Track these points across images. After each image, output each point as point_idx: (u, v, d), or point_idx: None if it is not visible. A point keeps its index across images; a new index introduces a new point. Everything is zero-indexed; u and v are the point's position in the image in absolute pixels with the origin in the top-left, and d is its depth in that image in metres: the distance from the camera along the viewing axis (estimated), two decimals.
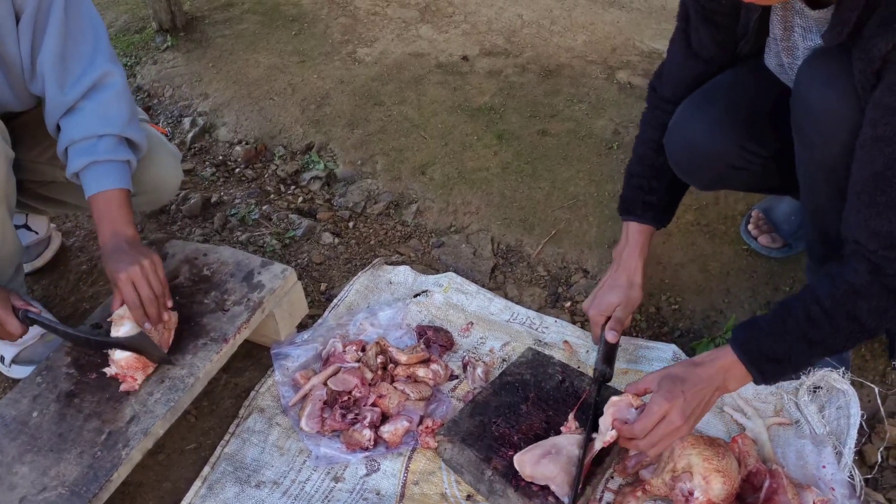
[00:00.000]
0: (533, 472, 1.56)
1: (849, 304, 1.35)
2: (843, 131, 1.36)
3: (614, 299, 1.80)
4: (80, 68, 1.73)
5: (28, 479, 1.52)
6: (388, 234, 2.44)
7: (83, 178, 1.75)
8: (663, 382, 1.47)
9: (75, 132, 1.73)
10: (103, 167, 1.74)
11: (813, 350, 1.42)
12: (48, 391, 1.69)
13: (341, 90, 2.97)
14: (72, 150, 1.74)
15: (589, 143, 2.62)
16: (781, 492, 1.48)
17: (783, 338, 1.41)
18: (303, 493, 1.67)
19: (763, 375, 1.45)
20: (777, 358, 1.42)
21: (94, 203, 1.74)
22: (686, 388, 1.44)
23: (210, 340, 1.75)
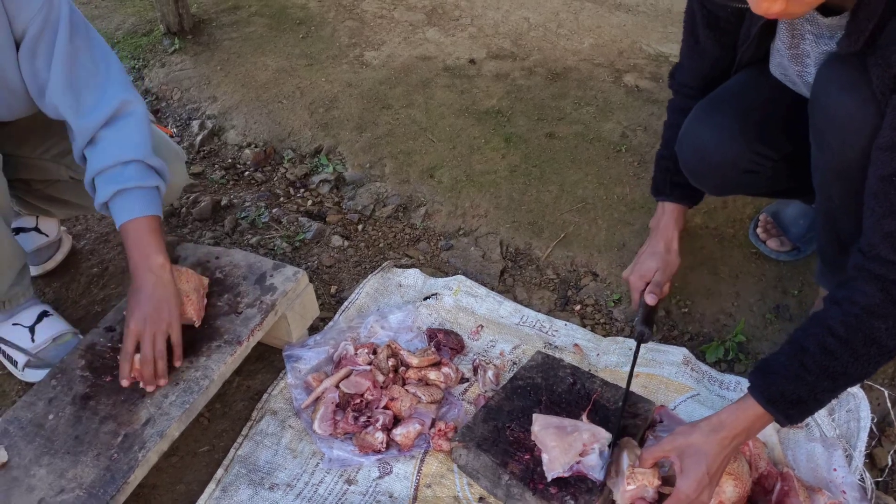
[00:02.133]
0: (537, 432, 1.61)
1: (864, 328, 1.31)
2: (861, 136, 1.37)
3: (653, 264, 1.86)
4: (92, 98, 1.71)
5: (45, 481, 1.53)
6: (396, 237, 2.45)
7: (112, 209, 1.72)
8: (686, 460, 1.42)
9: (100, 161, 1.71)
10: (132, 194, 1.71)
11: (837, 383, 1.37)
12: (63, 394, 1.70)
13: (349, 93, 2.98)
14: (98, 179, 1.72)
15: (597, 145, 2.63)
16: (793, 494, 1.50)
17: (804, 378, 1.36)
18: (316, 496, 1.68)
19: (790, 419, 1.40)
20: (802, 400, 1.37)
21: (124, 232, 1.70)
22: (710, 464, 1.40)
23: (224, 343, 1.77)
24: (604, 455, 1.59)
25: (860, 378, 1.36)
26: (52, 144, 1.98)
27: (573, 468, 1.58)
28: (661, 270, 1.84)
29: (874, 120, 1.34)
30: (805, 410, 1.40)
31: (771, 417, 1.40)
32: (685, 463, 1.42)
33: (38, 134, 1.97)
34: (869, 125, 1.35)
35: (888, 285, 1.29)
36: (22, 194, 2.19)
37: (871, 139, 1.35)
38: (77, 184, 2.06)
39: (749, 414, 1.40)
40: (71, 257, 2.36)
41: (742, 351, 1.95)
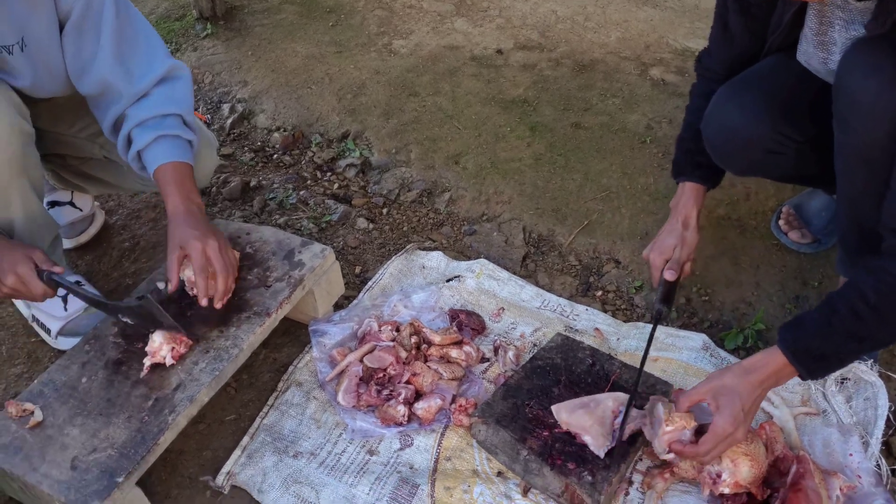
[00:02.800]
0: (569, 420, 1.63)
1: (894, 298, 1.37)
2: (885, 120, 1.39)
3: (672, 241, 1.85)
4: (142, 66, 1.79)
5: (79, 440, 1.58)
6: (420, 221, 2.48)
7: (148, 154, 1.78)
8: (721, 399, 1.48)
9: (142, 113, 1.78)
10: (171, 141, 1.79)
11: (862, 345, 1.44)
12: (96, 359, 1.75)
13: (377, 80, 3.02)
14: (137, 130, 1.78)
15: (622, 136, 2.65)
16: (808, 477, 1.51)
17: (831, 337, 1.43)
18: (339, 465, 1.72)
19: (812, 374, 1.47)
20: (825, 356, 1.45)
21: (163, 172, 1.76)
22: (744, 402, 1.46)
23: (253, 314, 1.81)
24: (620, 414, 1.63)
25: (884, 343, 1.45)
26: (87, 124, 2.03)
27: (615, 436, 1.62)
28: (680, 247, 1.84)
29: None
30: (827, 367, 1.47)
31: (795, 371, 1.46)
32: (720, 402, 1.47)
33: (73, 112, 2.02)
34: (893, 108, 1.36)
35: None
36: (58, 169, 2.25)
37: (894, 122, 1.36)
38: (110, 163, 2.11)
39: (776, 362, 1.47)
40: (103, 232, 2.42)
41: (761, 339, 1.97)
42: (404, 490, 1.66)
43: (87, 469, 1.52)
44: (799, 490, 1.50)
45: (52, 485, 1.49)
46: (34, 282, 1.67)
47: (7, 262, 1.66)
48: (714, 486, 1.54)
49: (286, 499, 1.66)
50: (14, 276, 1.65)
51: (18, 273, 1.65)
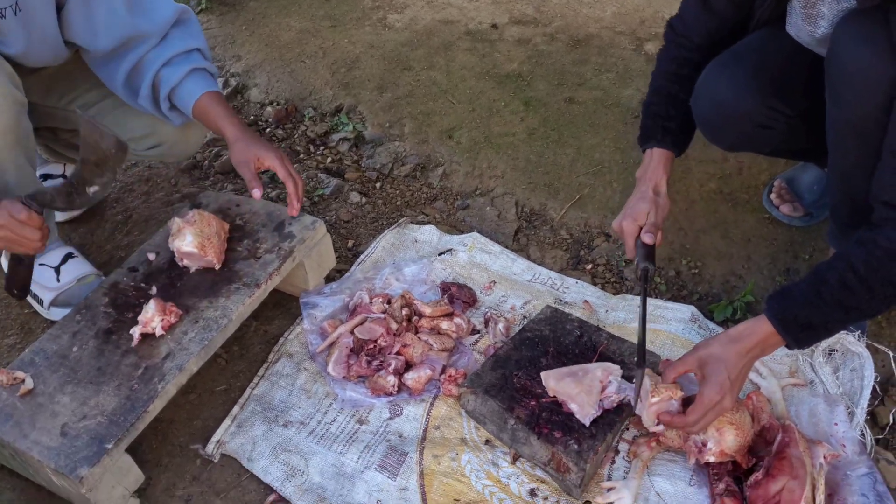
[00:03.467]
0: (556, 387, 1.64)
1: (884, 270, 1.37)
2: (877, 91, 1.38)
3: (644, 207, 1.77)
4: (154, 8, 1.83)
5: (69, 407, 1.59)
6: (414, 196, 2.48)
7: (183, 88, 1.84)
8: (708, 369, 1.49)
9: (166, 52, 1.82)
10: (202, 74, 1.86)
11: (848, 315, 1.44)
12: (87, 328, 1.76)
13: (371, 54, 3.01)
14: (165, 69, 1.82)
15: (615, 111, 2.64)
16: (793, 445, 1.52)
17: (818, 307, 1.43)
18: (328, 434, 1.73)
19: (798, 343, 1.48)
20: (812, 325, 1.45)
21: (207, 102, 1.83)
22: (731, 371, 1.47)
23: (243, 285, 1.82)
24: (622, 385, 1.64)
25: (871, 314, 1.46)
26: (77, 95, 2.03)
27: (601, 405, 1.63)
28: (653, 212, 1.77)
29: (891, 74, 1.34)
30: (814, 336, 1.48)
31: (782, 340, 1.47)
32: (707, 371, 1.48)
33: (63, 84, 2.02)
34: (886, 79, 1.35)
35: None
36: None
37: (887, 94, 1.35)
38: None
39: (763, 331, 1.47)
40: (96, 205, 2.42)
41: (750, 311, 1.98)
42: (393, 458, 1.67)
43: (76, 436, 1.53)
44: (783, 458, 1.52)
45: (42, 451, 1.51)
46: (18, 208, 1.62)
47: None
48: (700, 455, 1.55)
49: (276, 467, 1.68)
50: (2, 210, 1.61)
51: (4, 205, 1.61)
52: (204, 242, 1.82)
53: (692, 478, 1.60)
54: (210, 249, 1.83)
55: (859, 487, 1.50)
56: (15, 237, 1.64)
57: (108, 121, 2.03)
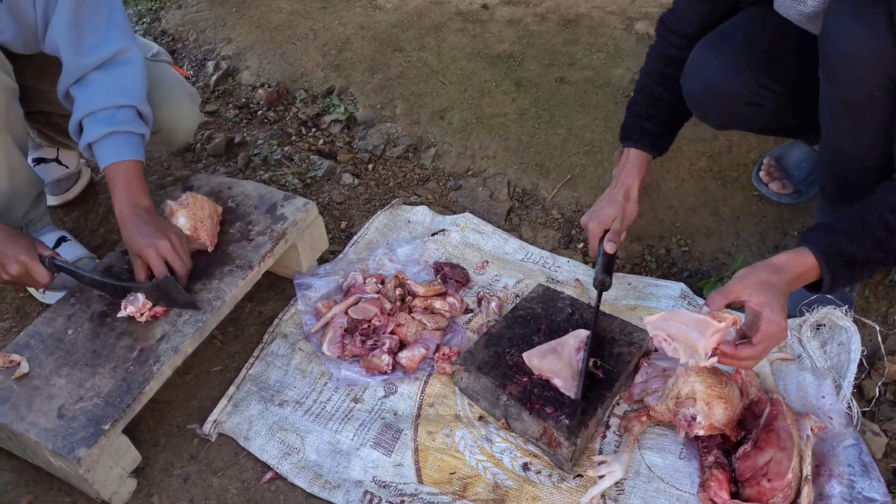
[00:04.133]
0: (540, 365, 1.67)
1: None
2: (873, 68, 1.38)
3: (611, 212, 1.86)
4: (94, 38, 1.74)
5: (65, 390, 1.60)
6: (406, 177, 2.49)
7: (99, 148, 1.75)
8: (766, 294, 1.40)
9: (93, 103, 1.74)
10: (122, 137, 1.75)
11: (887, 257, 1.42)
12: (82, 311, 1.77)
13: (362, 36, 3.01)
14: (88, 120, 1.75)
15: (606, 91, 2.65)
16: (781, 418, 1.55)
17: (864, 243, 1.40)
18: (324, 412, 1.75)
19: (835, 280, 1.43)
20: (854, 263, 1.42)
21: (113, 172, 1.75)
22: (784, 298, 1.42)
23: (236, 267, 1.83)
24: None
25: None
26: None
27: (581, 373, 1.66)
28: (619, 219, 1.85)
29: (888, 51, 1.35)
30: (852, 276, 1.43)
31: (818, 274, 1.43)
32: (765, 296, 1.40)
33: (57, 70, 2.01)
34: (882, 56, 1.36)
35: None
36: (42, 126, 2.25)
37: (883, 70, 1.36)
38: None
39: (804, 264, 1.43)
40: (89, 189, 2.42)
41: None
42: (388, 435, 1.69)
43: (73, 417, 1.55)
44: (771, 431, 1.54)
45: (40, 433, 1.52)
46: (38, 268, 1.69)
47: (11, 249, 1.67)
48: (689, 429, 1.57)
49: (272, 445, 1.70)
50: (17, 263, 1.67)
51: (22, 260, 1.67)
52: (197, 225, 1.83)
53: (682, 451, 1.63)
54: (203, 232, 1.84)
55: (846, 458, 1.52)
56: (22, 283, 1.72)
57: None
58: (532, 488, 1.59)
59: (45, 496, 1.67)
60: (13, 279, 1.69)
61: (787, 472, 1.46)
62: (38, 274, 1.69)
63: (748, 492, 1.50)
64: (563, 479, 1.60)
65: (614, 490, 1.58)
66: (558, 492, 1.58)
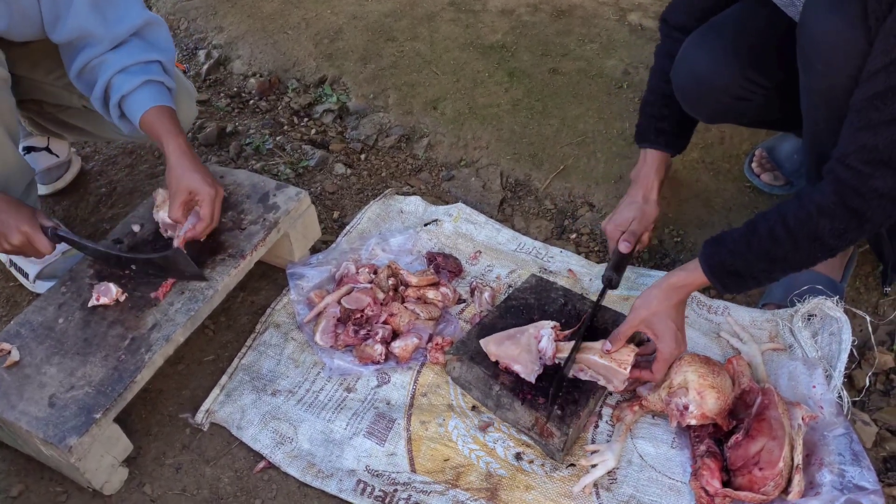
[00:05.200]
0: (497, 351, 1.69)
1: (811, 225, 1.42)
2: (847, 58, 1.39)
3: (630, 214, 1.89)
4: (118, 13, 1.76)
5: (56, 378, 1.60)
6: (399, 167, 2.49)
7: (134, 98, 1.76)
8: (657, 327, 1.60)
9: (124, 60, 1.75)
10: (158, 86, 1.78)
11: (774, 267, 1.50)
12: (73, 300, 1.76)
13: (354, 25, 2.99)
14: (120, 76, 1.75)
15: (599, 82, 2.65)
16: (772, 407, 1.56)
17: (745, 256, 1.49)
18: (317, 402, 1.75)
19: (725, 288, 1.55)
20: (739, 273, 1.52)
21: (154, 115, 1.75)
22: (677, 321, 1.60)
23: (228, 256, 1.82)
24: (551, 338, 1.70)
25: (797, 267, 1.51)
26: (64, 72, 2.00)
27: (542, 361, 1.67)
28: (638, 220, 1.87)
29: (861, 43, 1.35)
30: (741, 284, 1.54)
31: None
32: (657, 329, 1.60)
33: (52, 59, 1.99)
34: (856, 47, 1.36)
35: (845, 190, 1.38)
36: (34, 115, 2.23)
37: (856, 61, 1.37)
38: (88, 112, 2.09)
39: (694, 277, 1.57)
40: (80, 178, 2.41)
41: None
42: (381, 424, 1.69)
43: (64, 406, 1.54)
44: (763, 420, 1.55)
45: (31, 421, 1.52)
46: (40, 238, 1.69)
47: (13, 219, 1.67)
48: (681, 418, 1.58)
49: (265, 434, 1.70)
50: (20, 233, 1.67)
51: (24, 230, 1.67)
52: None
53: (674, 440, 1.64)
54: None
55: (836, 447, 1.53)
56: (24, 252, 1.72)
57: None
58: (525, 477, 1.59)
59: (36, 485, 1.66)
60: (14, 249, 1.69)
61: (779, 461, 1.47)
62: (40, 243, 1.70)
63: (739, 480, 1.51)
64: (555, 469, 1.61)
65: (607, 479, 1.58)
66: (551, 481, 1.59)
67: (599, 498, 1.56)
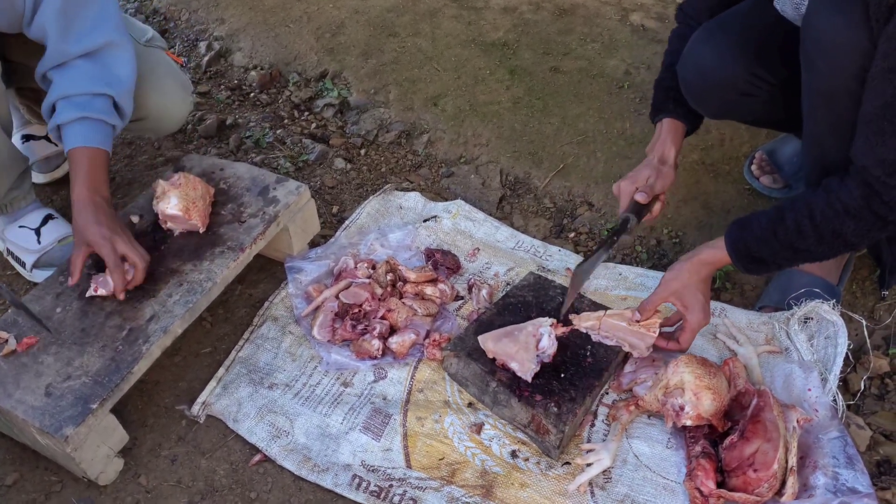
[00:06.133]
0: (495, 348, 1.69)
1: (837, 223, 1.45)
2: (849, 59, 1.40)
3: (646, 172, 1.81)
4: (82, 28, 1.71)
5: (53, 368, 1.60)
6: (399, 163, 2.49)
7: (68, 131, 1.72)
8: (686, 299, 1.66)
9: (71, 87, 1.71)
10: (94, 125, 1.73)
11: (796, 256, 1.56)
12: (70, 290, 1.75)
13: (356, 20, 2.99)
14: (63, 102, 1.72)
15: (600, 81, 2.65)
16: (767, 409, 1.56)
17: (771, 244, 1.54)
18: (313, 396, 1.75)
19: (747, 270, 1.61)
20: (763, 260, 1.57)
21: (77, 155, 1.71)
22: (704, 293, 1.67)
23: (227, 249, 1.82)
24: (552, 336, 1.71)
25: (819, 259, 1.56)
26: None
27: (539, 359, 1.67)
28: (654, 178, 1.80)
29: (864, 43, 1.36)
30: (763, 268, 1.62)
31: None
32: (687, 300, 1.67)
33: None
34: (858, 48, 1.37)
35: (872, 195, 1.41)
36: (32, 104, 2.23)
37: (858, 63, 1.37)
38: None
39: (720, 258, 1.63)
40: None
41: (729, 280, 2.01)
42: (377, 419, 1.70)
43: (61, 396, 1.54)
44: (758, 422, 1.56)
45: (27, 410, 1.51)
46: None
47: None
48: (677, 419, 1.59)
49: (261, 428, 1.70)
50: None
51: None
52: (189, 206, 1.82)
53: (669, 440, 1.64)
54: (195, 213, 1.83)
55: (830, 450, 1.54)
56: None
57: None
58: (520, 475, 1.60)
59: (31, 474, 1.66)
60: None
61: (773, 463, 1.47)
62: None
63: (734, 481, 1.51)
64: (550, 467, 1.61)
65: (602, 478, 1.59)
66: (546, 479, 1.59)
67: (594, 496, 1.56)
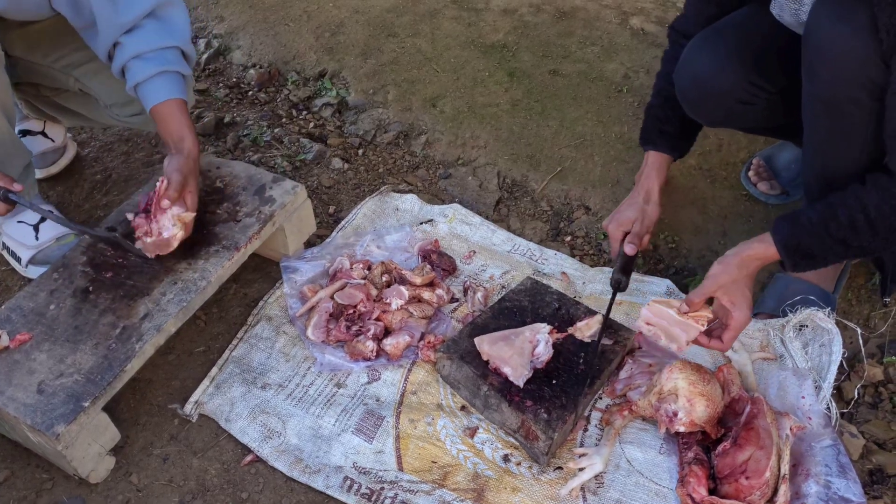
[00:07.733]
0: (490, 351, 1.69)
1: (893, 218, 1.44)
2: (854, 68, 1.39)
3: (631, 215, 1.88)
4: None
5: (45, 365, 1.59)
6: (396, 163, 2.48)
7: (148, 87, 1.76)
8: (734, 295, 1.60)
9: (141, 45, 1.75)
10: (172, 77, 1.78)
11: (849, 251, 1.52)
12: (65, 286, 1.75)
13: (356, 20, 2.98)
14: (136, 61, 1.75)
15: (599, 85, 2.65)
16: (761, 417, 1.56)
17: (823, 240, 1.50)
18: (306, 396, 1.75)
19: (796, 267, 1.56)
20: (813, 255, 1.54)
21: (165, 109, 1.76)
22: (748, 291, 1.61)
23: (222, 248, 1.82)
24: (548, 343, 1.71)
25: (869, 253, 1.55)
26: (62, 55, 1.99)
27: (533, 364, 1.67)
28: (640, 221, 1.86)
29: (868, 52, 1.36)
30: (812, 265, 1.57)
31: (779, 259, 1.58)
32: (734, 296, 1.60)
33: (49, 42, 1.98)
34: (861, 56, 1.37)
35: None
36: (30, 98, 2.22)
37: (863, 71, 1.37)
38: (85, 96, 2.09)
39: (767, 254, 1.57)
40: (75, 163, 2.40)
41: None
42: (370, 421, 1.69)
43: (53, 393, 1.53)
44: (751, 429, 1.56)
45: (18, 408, 1.51)
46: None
47: None
48: (670, 424, 1.59)
49: (253, 428, 1.69)
50: None
51: None
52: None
53: (662, 446, 1.64)
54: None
55: (823, 458, 1.54)
56: None
57: (92, 84, 2.00)
58: (512, 479, 1.59)
59: (22, 472, 1.66)
60: None
61: (766, 471, 1.47)
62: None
63: (726, 489, 1.51)
64: (542, 471, 1.61)
65: (594, 483, 1.59)
66: (538, 483, 1.59)
67: (586, 501, 1.56)
